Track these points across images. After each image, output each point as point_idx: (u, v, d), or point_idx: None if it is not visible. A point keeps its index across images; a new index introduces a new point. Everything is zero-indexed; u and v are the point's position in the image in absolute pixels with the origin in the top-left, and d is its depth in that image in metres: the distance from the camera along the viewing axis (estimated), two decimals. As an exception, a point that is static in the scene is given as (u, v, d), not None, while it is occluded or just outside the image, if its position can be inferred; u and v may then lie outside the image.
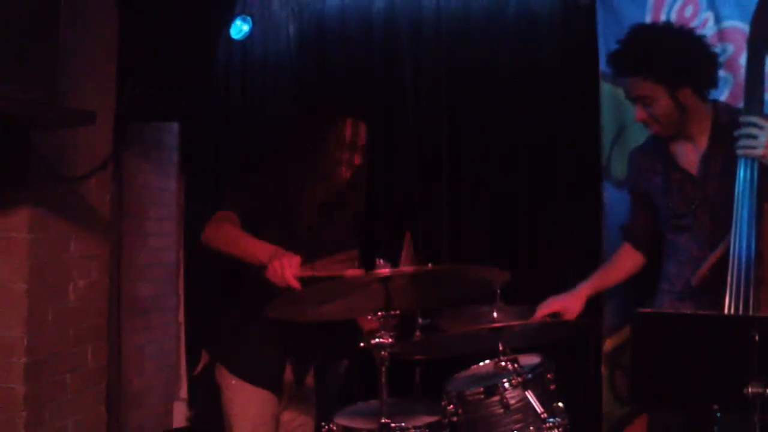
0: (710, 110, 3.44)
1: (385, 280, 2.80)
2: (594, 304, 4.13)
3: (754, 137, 3.11)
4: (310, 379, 3.81)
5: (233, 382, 3.64)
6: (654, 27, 3.56)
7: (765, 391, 2.43)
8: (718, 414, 2.90)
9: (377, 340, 2.84)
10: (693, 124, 3.41)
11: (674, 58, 3.31)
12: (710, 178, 3.37)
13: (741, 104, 3.39)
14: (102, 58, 4.07)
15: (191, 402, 5.12)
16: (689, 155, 3.45)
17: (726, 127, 3.32)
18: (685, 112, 3.36)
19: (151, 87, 4.24)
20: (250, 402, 3.67)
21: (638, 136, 3.81)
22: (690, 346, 2.57)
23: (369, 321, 3.44)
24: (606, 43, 4.17)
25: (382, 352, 2.83)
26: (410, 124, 4.82)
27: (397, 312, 2.90)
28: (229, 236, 3.31)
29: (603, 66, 4.19)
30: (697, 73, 3.35)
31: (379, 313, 2.86)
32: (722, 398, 2.60)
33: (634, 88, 3.39)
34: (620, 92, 4.09)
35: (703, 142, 3.43)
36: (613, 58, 3.45)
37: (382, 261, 2.88)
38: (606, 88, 4.20)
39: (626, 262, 3.74)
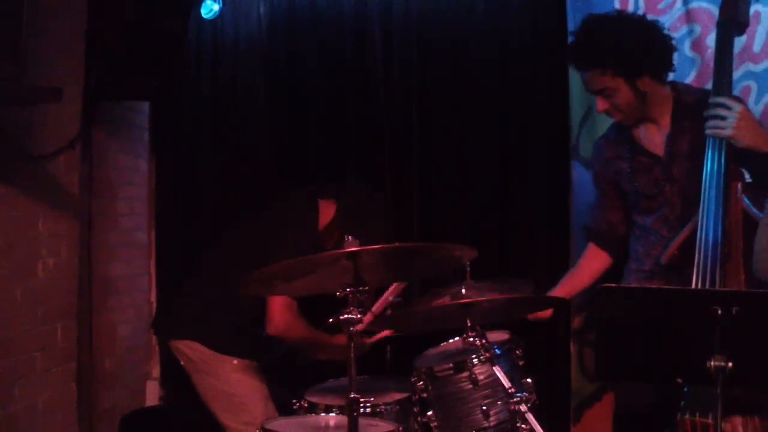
0: (669, 91, 3.48)
1: (354, 256, 2.80)
2: (562, 275, 4.18)
3: (723, 118, 3.14)
4: None
5: (235, 362, 3.69)
6: (606, 17, 3.51)
7: (727, 364, 2.45)
8: (685, 388, 2.96)
9: (346, 315, 2.84)
10: (654, 108, 3.44)
11: (630, 48, 3.33)
12: (677, 158, 3.41)
13: (708, 85, 3.44)
14: (70, 36, 4.04)
15: (164, 381, 5.13)
16: (654, 137, 3.49)
17: (690, 107, 3.35)
18: (646, 98, 3.40)
19: (120, 66, 4.21)
20: (254, 377, 3.77)
21: (606, 117, 3.83)
22: (654, 321, 2.59)
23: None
24: (575, 25, 4.19)
25: (351, 328, 2.84)
26: (381, 105, 4.82)
27: (366, 288, 2.90)
28: (307, 337, 3.76)
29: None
30: (653, 60, 3.38)
31: (348, 289, 2.86)
32: (686, 372, 2.64)
33: (593, 82, 3.43)
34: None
35: (666, 123, 3.46)
36: (571, 52, 3.48)
37: (350, 237, 2.88)
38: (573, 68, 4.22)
39: (593, 264, 3.78)
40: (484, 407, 3.39)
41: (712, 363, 2.46)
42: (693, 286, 3.02)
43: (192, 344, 3.72)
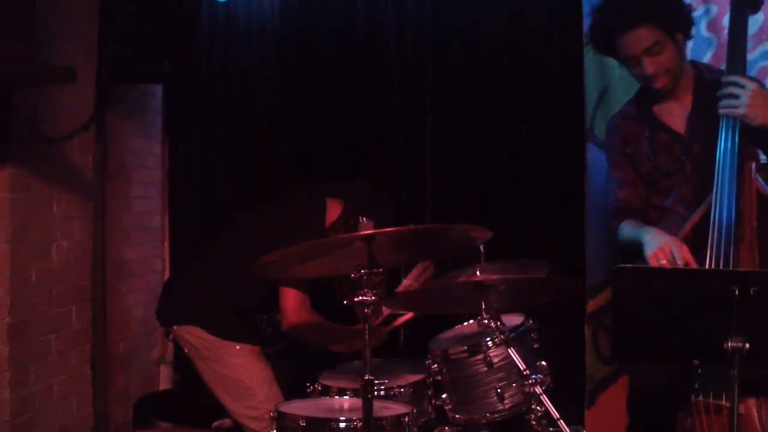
0: (691, 68, 3.45)
1: (369, 238, 2.79)
2: (576, 259, 4.17)
3: (736, 96, 3.11)
4: None
5: (237, 347, 3.69)
6: None
7: (744, 345, 2.43)
8: (699, 371, 2.95)
9: (360, 297, 2.84)
10: (680, 80, 3.41)
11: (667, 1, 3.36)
12: (697, 136, 3.38)
13: (723, 66, 3.41)
14: (83, 18, 4.03)
15: (177, 365, 5.14)
16: (675, 115, 3.46)
17: (710, 86, 3.32)
18: (684, 55, 3.38)
19: (133, 48, 4.20)
20: (258, 361, 3.77)
21: (621, 97, 3.82)
22: (670, 302, 2.57)
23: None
24: (590, 5, 4.16)
25: (366, 310, 2.83)
26: (394, 87, 4.81)
27: (380, 270, 2.89)
28: (321, 332, 3.82)
29: (587, 28, 4.18)
30: (681, 18, 3.38)
31: (363, 271, 2.86)
32: (702, 353, 2.62)
33: (642, 39, 3.33)
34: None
35: (688, 100, 3.44)
36: (607, 14, 3.43)
37: (365, 219, 2.87)
38: (590, 51, 4.19)
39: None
40: (499, 390, 3.40)
41: (729, 344, 2.44)
42: (707, 265, 3.00)
43: (194, 329, 3.72)
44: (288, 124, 5.01)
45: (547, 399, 3.12)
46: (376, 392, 3.31)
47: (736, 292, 2.43)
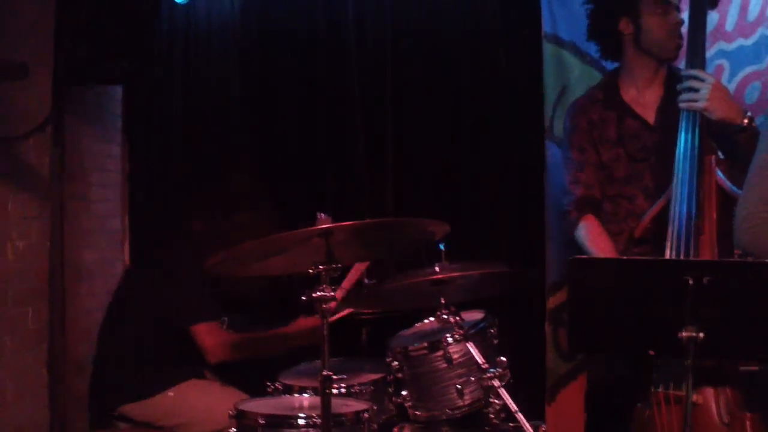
0: None
1: (326, 234, 2.79)
2: (536, 257, 4.19)
3: (696, 90, 3.14)
4: None
5: (171, 393, 3.72)
6: None
7: (698, 334, 2.45)
8: (657, 362, 2.97)
9: (319, 293, 2.83)
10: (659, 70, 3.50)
11: None
12: (665, 127, 3.40)
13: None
14: (39, 17, 3.97)
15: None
16: (647, 105, 3.49)
17: (680, 79, 3.35)
18: None
19: (91, 48, 4.17)
20: (198, 389, 3.80)
21: (580, 95, 3.83)
22: (625, 292, 2.59)
23: None
24: (548, 3, 4.20)
25: (324, 305, 2.82)
26: (354, 85, 4.81)
27: (339, 265, 2.89)
28: (248, 347, 3.80)
29: (546, 27, 4.22)
30: None
31: (321, 267, 2.85)
32: (658, 343, 2.64)
33: (674, 16, 3.44)
34: (563, 53, 4.17)
35: (660, 92, 3.48)
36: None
37: (323, 215, 2.87)
38: (548, 49, 4.23)
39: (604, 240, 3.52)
40: (459, 386, 3.41)
41: (684, 334, 2.45)
42: (667, 257, 3.02)
43: (124, 408, 3.70)
44: (249, 123, 4.99)
45: (505, 392, 3.13)
46: (336, 390, 3.33)
47: (690, 282, 2.44)
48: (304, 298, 2.88)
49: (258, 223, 4.46)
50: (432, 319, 3.84)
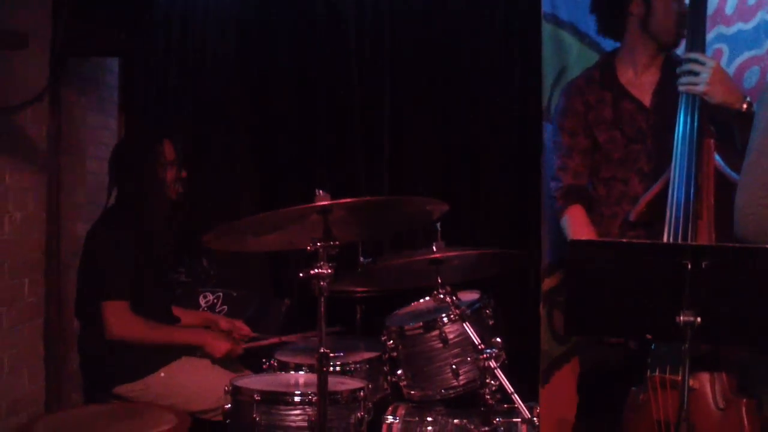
0: None
1: (324, 210, 2.78)
2: (532, 238, 4.19)
3: (696, 74, 3.13)
4: None
5: (162, 374, 3.67)
6: None
7: (696, 319, 2.46)
8: (653, 346, 2.98)
9: (316, 270, 2.82)
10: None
11: None
12: (661, 110, 3.40)
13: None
14: (37, -12, 3.97)
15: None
16: (643, 87, 3.48)
17: (678, 63, 3.34)
18: None
19: (88, 19, 4.14)
20: (189, 367, 3.74)
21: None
22: (623, 276, 2.59)
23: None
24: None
25: (321, 283, 2.82)
26: (353, 65, 4.79)
27: (336, 243, 2.88)
28: (151, 337, 3.65)
29: (545, 7, 4.20)
30: None
31: (318, 244, 2.84)
32: (655, 327, 2.64)
33: None
34: (562, 33, 4.15)
35: (656, 75, 3.47)
36: None
37: (321, 192, 2.86)
38: (548, 29, 4.20)
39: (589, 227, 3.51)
40: (454, 366, 3.42)
41: (681, 318, 2.46)
42: (665, 242, 3.02)
43: (118, 389, 3.66)
44: (245, 100, 4.97)
45: (501, 373, 3.14)
46: (331, 368, 3.33)
47: (689, 266, 2.45)
48: (301, 275, 2.87)
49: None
50: (428, 298, 3.85)
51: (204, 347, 3.73)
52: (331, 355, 2.88)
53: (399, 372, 3.55)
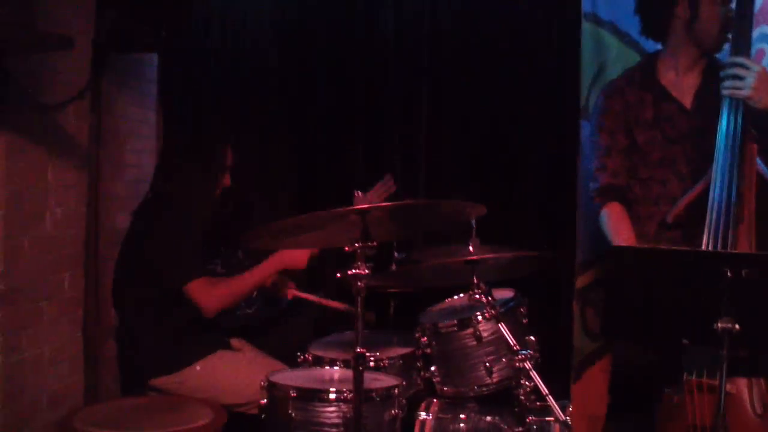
0: None
1: (363, 212, 2.81)
2: (567, 235, 4.19)
3: (741, 78, 3.12)
4: None
5: (198, 368, 3.73)
6: None
7: (734, 326, 2.47)
8: (687, 349, 2.98)
9: (354, 270, 2.85)
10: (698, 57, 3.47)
11: None
12: (701, 113, 3.39)
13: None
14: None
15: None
16: (684, 89, 3.48)
17: (720, 66, 3.33)
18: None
19: (131, 16, 4.19)
20: (225, 363, 3.80)
21: (617, 75, 3.81)
22: (662, 282, 2.61)
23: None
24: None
25: (359, 283, 2.84)
26: (390, 62, 4.81)
27: (374, 243, 2.91)
28: (239, 291, 3.82)
29: (585, 6, 4.19)
30: None
31: (357, 245, 2.87)
32: (692, 333, 2.66)
33: None
34: (601, 32, 4.14)
35: (697, 77, 3.46)
36: None
37: (360, 193, 2.88)
38: (587, 28, 4.19)
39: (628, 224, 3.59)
40: (488, 364, 3.44)
41: (720, 324, 2.47)
42: (704, 245, 3.03)
43: (155, 382, 3.72)
44: (284, 96, 5.00)
45: (536, 375, 3.15)
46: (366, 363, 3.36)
47: (728, 274, 2.46)
48: (338, 275, 2.90)
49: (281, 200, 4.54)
50: (462, 295, 3.87)
51: (287, 266, 3.84)
52: (367, 355, 2.90)
53: (432, 368, 3.58)
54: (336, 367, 3.54)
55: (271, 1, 5.03)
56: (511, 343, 3.23)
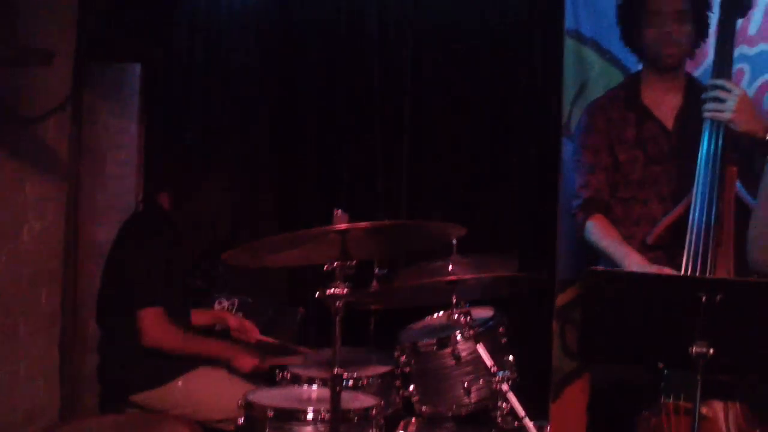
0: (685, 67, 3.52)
1: (343, 232, 2.79)
2: (547, 253, 4.20)
3: (722, 101, 3.12)
4: None
5: (180, 383, 3.69)
6: None
7: (708, 350, 2.47)
8: (665, 372, 2.98)
9: (332, 290, 2.84)
10: (678, 74, 3.48)
11: None
12: (683, 134, 3.39)
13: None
14: (61, -2, 3.99)
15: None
16: (666, 110, 3.47)
17: (701, 88, 3.33)
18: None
19: (112, 27, 4.17)
20: (206, 377, 3.75)
21: (600, 93, 3.82)
22: (638, 305, 2.61)
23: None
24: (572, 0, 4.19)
25: (337, 303, 2.83)
26: (373, 80, 4.80)
27: (353, 263, 2.90)
28: (185, 346, 3.69)
29: (568, 23, 4.20)
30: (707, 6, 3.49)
31: (335, 263, 2.86)
32: (668, 356, 2.66)
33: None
34: (584, 49, 4.15)
35: (680, 98, 3.46)
36: None
37: (339, 212, 2.87)
38: (570, 45, 4.21)
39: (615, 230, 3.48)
40: (466, 384, 3.43)
41: (694, 349, 2.48)
42: (683, 268, 3.02)
43: (137, 396, 3.68)
44: (266, 109, 4.99)
45: (513, 396, 3.15)
46: (344, 383, 3.34)
47: (703, 299, 2.46)
48: (317, 294, 2.88)
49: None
50: (442, 313, 3.86)
51: (232, 361, 3.76)
52: (345, 375, 2.88)
53: (411, 387, 3.56)
54: (314, 386, 3.52)
55: (257, 12, 5.00)
56: (489, 365, 3.22)
